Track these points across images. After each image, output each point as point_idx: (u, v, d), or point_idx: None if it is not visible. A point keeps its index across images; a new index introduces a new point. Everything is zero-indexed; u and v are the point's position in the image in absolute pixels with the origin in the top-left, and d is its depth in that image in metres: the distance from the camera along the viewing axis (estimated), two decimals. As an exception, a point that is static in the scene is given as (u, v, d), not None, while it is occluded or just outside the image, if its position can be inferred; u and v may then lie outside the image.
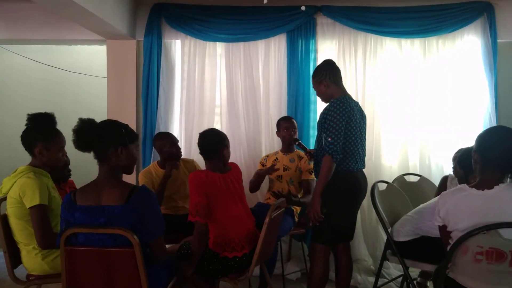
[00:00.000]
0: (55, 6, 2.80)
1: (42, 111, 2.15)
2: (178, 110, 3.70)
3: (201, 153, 2.28)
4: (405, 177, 3.07)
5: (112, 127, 1.71)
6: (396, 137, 3.56)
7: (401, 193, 2.71)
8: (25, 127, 2.12)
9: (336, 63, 3.84)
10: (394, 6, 3.50)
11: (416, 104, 3.54)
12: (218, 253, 2.12)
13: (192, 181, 2.10)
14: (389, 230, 2.40)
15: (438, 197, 1.89)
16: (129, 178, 2.96)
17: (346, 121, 2.26)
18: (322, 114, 2.36)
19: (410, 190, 2.86)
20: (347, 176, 2.33)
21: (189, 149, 3.62)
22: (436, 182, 3.00)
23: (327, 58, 3.97)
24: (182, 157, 3.25)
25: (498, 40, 3.45)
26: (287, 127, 3.12)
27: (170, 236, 2.47)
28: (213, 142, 2.23)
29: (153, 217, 1.70)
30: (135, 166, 1.84)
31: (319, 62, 3.58)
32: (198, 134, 2.31)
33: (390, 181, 2.89)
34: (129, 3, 3.53)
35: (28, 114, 2.12)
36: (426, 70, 3.53)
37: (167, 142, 2.95)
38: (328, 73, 2.42)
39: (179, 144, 3.09)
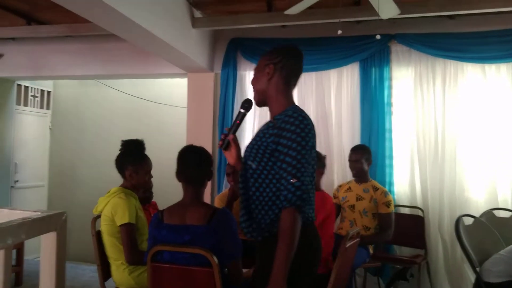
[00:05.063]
0: (146, 44, 3.11)
1: (129, 138, 2.36)
2: (250, 137, 3.83)
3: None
4: (495, 212, 2.81)
5: (209, 159, 1.87)
6: (482, 169, 3.29)
7: (490, 229, 2.50)
8: (119, 151, 2.35)
9: (413, 91, 3.64)
10: (475, 31, 3.32)
11: (503, 134, 3.27)
12: None
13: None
14: (478, 269, 2.21)
15: None
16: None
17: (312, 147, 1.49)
18: (271, 134, 1.48)
19: (500, 226, 2.61)
20: (310, 232, 1.54)
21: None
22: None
23: (403, 86, 3.73)
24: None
25: None
26: (353, 160, 3.11)
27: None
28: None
29: (232, 240, 1.75)
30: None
31: (394, 89, 3.51)
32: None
33: (477, 215, 2.67)
34: (209, 39, 3.81)
35: (122, 141, 2.35)
36: (515, 97, 3.28)
37: (228, 167, 3.09)
38: (289, 64, 1.56)
39: None
